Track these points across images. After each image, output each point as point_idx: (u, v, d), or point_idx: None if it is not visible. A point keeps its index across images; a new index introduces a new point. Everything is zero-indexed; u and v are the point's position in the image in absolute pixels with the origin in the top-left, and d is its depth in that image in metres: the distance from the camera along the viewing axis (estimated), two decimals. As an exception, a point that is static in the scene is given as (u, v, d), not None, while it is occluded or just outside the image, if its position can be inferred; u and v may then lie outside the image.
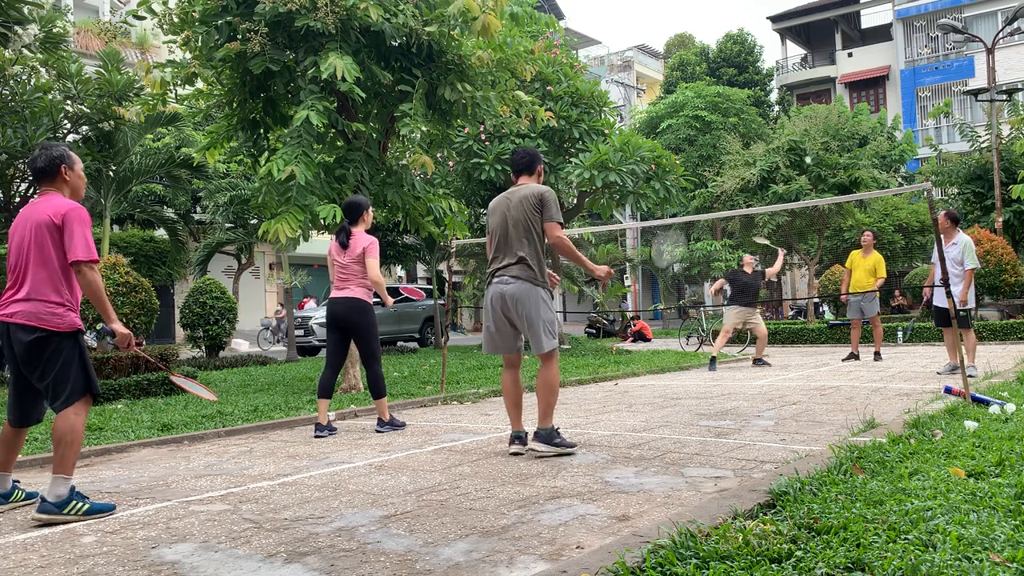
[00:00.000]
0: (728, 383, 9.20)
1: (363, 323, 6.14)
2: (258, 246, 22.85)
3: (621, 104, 37.33)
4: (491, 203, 5.03)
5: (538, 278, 4.79)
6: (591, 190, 14.41)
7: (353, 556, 2.93)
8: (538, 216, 4.79)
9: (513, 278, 4.76)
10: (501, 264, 4.83)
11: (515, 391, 4.95)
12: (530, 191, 4.84)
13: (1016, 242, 19.38)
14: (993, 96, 18.17)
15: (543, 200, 4.80)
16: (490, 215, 4.99)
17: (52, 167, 3.91)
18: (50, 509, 3.62)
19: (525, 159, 5.04)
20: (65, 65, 10.57)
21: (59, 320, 3.78)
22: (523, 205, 4.79)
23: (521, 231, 4.78)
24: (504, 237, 4.83)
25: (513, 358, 4.96)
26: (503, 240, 4.84)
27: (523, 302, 4.73)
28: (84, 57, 19.20)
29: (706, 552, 2.45)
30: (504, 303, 4.78)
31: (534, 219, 4.79)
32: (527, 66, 9.00)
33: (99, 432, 6.26)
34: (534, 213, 4.78)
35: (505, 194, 4.99)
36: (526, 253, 4.77)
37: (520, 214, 4.79)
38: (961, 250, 8.59)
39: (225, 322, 14.61)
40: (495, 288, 4.83)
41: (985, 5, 33.27)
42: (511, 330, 4.87)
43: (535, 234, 4.79)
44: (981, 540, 2.43)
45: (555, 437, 4.82)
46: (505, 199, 4.94)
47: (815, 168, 18.46)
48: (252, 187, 12.64)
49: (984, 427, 4.41)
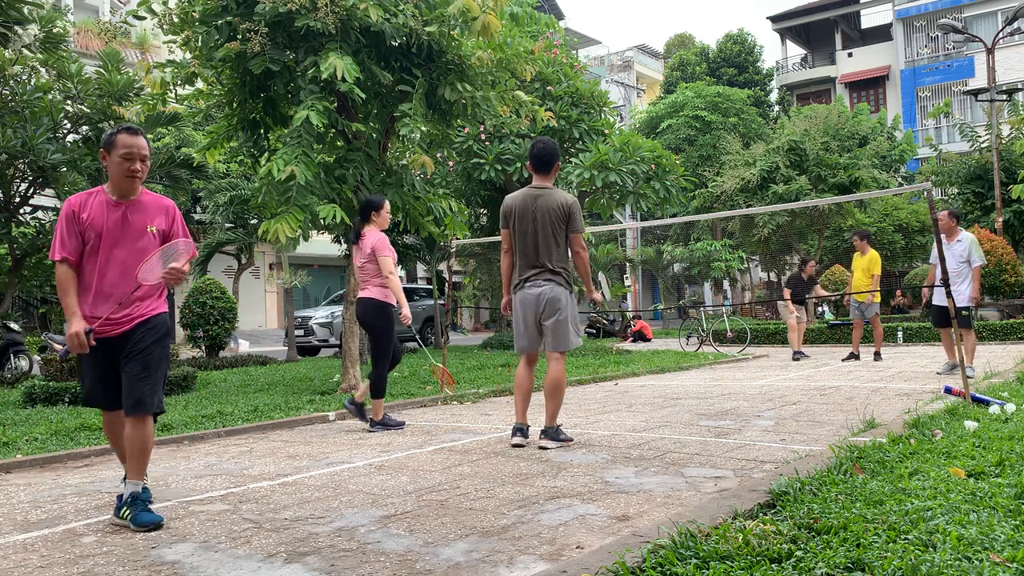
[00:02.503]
0: (728, 383, 9.21)
1: (374, 323, 6.22)
2: (258, 246, 22.83)
3: (621, 104, 37.33)
4: (512, 201, 5.23)
5: (566, 282, 5.18)
6: (591, 190, 14.41)
7: (353, 556, 2.93)
8: (564, 226, 5.13)
9: (546, 281, 5.12)
10: (533, 271, 5.15)
11: (528, 385, 5.29)
12: (558, 202, 5.11)
13: (1016, 242, 19.39)
14: (993, 96, 18.17)
15: (572, 212, 5.13)
16: (515, 217, 5.19)
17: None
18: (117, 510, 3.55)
19: (545, 155, 5.22)
20: (65, 65, 10.56)
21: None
22: (552, 215, 5.10)
23: (551, 241, 5.11)
24: (535, 245, 5.13)
25: (534, 356, 5.32)
26: (533, 247, 5.13)
27: (556, 301, 5.10)
28: (84, 57, 19.18)
29: (706, 552, 2.45)
30: (538, 304, 5.12)
31: (561, 229, 5.13)
32: (527, 66, 9.00)
33: (99, 432, 6.26)
34: (561, 224, 5.12)
35: (528, 196, 5.19)
36: (556, 259, 5.13)
37: (549, 224, 5.10)
38: (967, 247, 8.49)
39: (225, 322, 14.61)
40: (529, 291, 5.15)
41: (985, 5, 33.28)
42: (538, 330, 5.20)
43: (563, 242, 5.16)
44: (981, 540, 2.43)
45: (560, 434, 5.24)
46: (531, 202, 5.15)
47: (815, 168, 18.46)
48: (252, 187, 12.64)
49: (984, 427, 4.41)
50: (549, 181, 5.26)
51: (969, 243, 8.51)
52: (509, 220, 5.23)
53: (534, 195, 5.17)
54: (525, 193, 5.21)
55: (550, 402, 5.15)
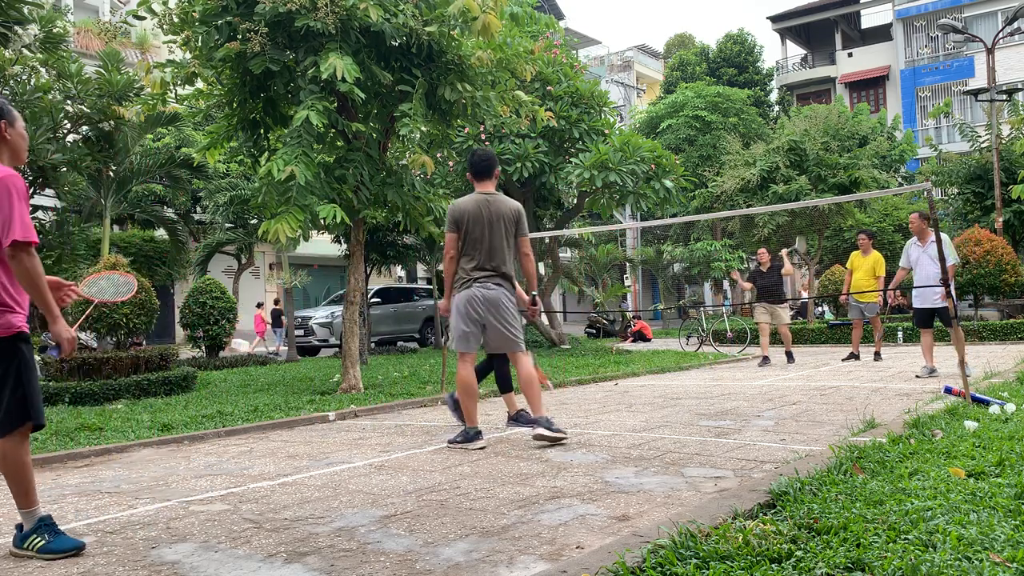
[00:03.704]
0: (728, 383, 9.21)
1: None
2: (258, 246, 22.83)
3: (621, 104, 37.32)
4: (464, 206, 5.30)
5: (514, 286, 5.39)
6: (591, 190, 14.41)
7: (353, 556, 2.93)
8: (515, 230, 5.36)
9: (497, 285, 5.26)
10: (484, 274, 5.25)
11: (476, 386, 5.35)
12: (509, 208, 5.35)
13: (1016, 242, 19.38)
14: (993, 96, 18.17)
15: (520, 217, 5.40)
16: (468, 222, 5.26)
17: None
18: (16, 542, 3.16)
19: (486, 162, 5.40)
20: (65, 65, 10.57)
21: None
22: (504, 220, 5.30)
23: (505, 245, 5.30)
24: (489, 249, 5.26)
25: (474, 356, 5.36)
26: (487, 251, 5.25)
27: (508, 304, 5.28)
28: (84, 57, 19.18)
29: (706, 552, 2.45)
30: (487, 305, 5.22)
31: (512, 232, 5.35)
32: (527, 66, 9.00)
33: (99, 432, 6.27)
34: (512, 228, 5.34)
35: (480, 201, 5.31)
36: (508, 263, 5.33)
37: (502, 228, 5.29)
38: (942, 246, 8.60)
39: (225, 322, 14.61)
40: (477, 291, 5.22)
41: (985, 5, 33.27)
42: (481, 330, 5.29)
43: (514, 245, 5.37)
44: (981, 540, 2.43)
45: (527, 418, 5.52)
46: (483, 207, 5.28)
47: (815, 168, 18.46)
48: (252, 187, 12.64)
49: (984, 427, 4.40)
50: (492, 187, 5.41)
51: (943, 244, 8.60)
52: (461, 225, 5.26)
53: (486, 201, 5.29)
54: (476, 199, 5.31)
55: (531, 394, 5.25)
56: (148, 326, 10.46)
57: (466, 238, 5.26)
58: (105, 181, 13.50)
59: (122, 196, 14.66)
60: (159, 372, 9.60)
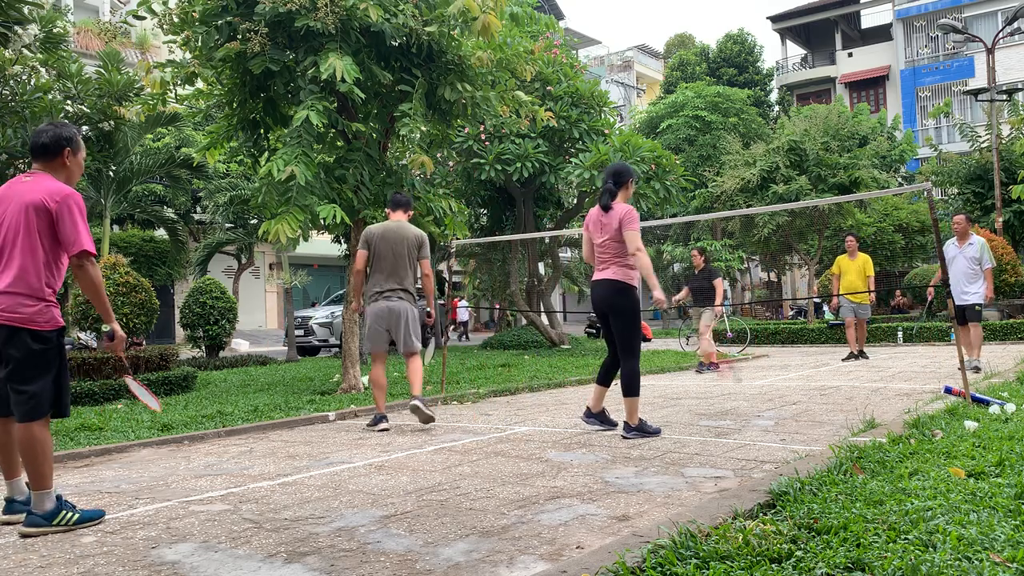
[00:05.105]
0: (728, 383, 9.21)
1: (620, 307, 5.45)
2: (258, 246, 22.86)
3: (621, 104, 37.34)
4: (375, 231, 6.37)
5: (413, 299, 6.44)
6: (591, 190, 14.41)
7: (353, 556, 2.93)
8: (417, 252, 6.43)
9: (399, 299, 6.32)
10: (388, 289, 6.33)
11: (385, 380, 6.42)
12: (413, 233, 6.42)
13: (1016, 242, 19.39)
14: (993, 96, 18.17)
15: (422, 243, 6.48)
16: (376, 243, 6.33)
17: (56, 146, 3.55)
18: (38, 522, 3.41)
19: (403, 200, 6.58)
20: (65, 65, 10.55)
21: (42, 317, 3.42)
22: (407, 244, 6.37)
23: (407, 263, 6.37)
24: (393, 267, 6.32)
25: (384, 355, 6.42)
26: (392, 269, 6.32)
27: (405, 314, 6.33)
28: (84, 57, 19.19)
29: (706, 552, 2.45)
30: (391, 315, 6.28)
31: (414, 255, 6.43)
32: (527, 66, 9.00)
33: (99, 432, 6.26)
34: (415, 251, 6.42)
35: (388, 228, 6.38)
36: (409, 279, 6.40)
37: (405, 251, 6.35)
38: (979, 249, 8.91)
39: (225, 322, 14.61)
40: (384, 304, 6.30)
41: (985, 5, 33.28)
42: (387, 334, 6.33)
43: (415, 265, 6.47)
44: (981, 540, 2.43)
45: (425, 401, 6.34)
46: (391, 233, 6.35)
47: (815, 168, 18.45)
48: (252, 187, 12.62)
49: (984, 427, 4.41)
50: (405, 218, 6.51)
51: (980, 247, 8.95)
52: (370, 245, 6.34)
53: (394, 228, 6.37)
54: (386, 225, 6.41)
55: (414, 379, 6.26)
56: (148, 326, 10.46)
57: (375, 257, 6.35)
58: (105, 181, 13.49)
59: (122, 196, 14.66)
60: (159, 372, 9.60)
